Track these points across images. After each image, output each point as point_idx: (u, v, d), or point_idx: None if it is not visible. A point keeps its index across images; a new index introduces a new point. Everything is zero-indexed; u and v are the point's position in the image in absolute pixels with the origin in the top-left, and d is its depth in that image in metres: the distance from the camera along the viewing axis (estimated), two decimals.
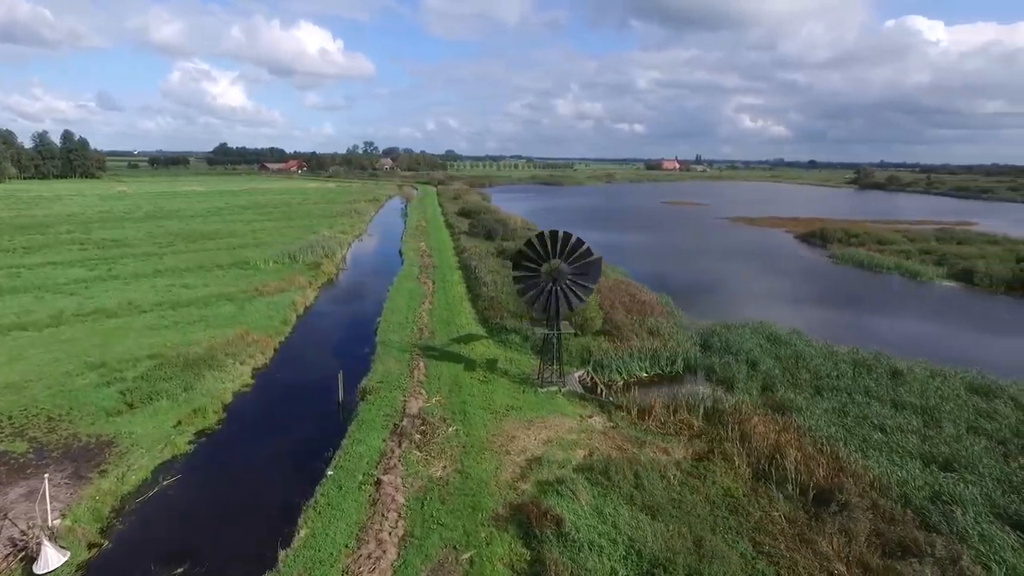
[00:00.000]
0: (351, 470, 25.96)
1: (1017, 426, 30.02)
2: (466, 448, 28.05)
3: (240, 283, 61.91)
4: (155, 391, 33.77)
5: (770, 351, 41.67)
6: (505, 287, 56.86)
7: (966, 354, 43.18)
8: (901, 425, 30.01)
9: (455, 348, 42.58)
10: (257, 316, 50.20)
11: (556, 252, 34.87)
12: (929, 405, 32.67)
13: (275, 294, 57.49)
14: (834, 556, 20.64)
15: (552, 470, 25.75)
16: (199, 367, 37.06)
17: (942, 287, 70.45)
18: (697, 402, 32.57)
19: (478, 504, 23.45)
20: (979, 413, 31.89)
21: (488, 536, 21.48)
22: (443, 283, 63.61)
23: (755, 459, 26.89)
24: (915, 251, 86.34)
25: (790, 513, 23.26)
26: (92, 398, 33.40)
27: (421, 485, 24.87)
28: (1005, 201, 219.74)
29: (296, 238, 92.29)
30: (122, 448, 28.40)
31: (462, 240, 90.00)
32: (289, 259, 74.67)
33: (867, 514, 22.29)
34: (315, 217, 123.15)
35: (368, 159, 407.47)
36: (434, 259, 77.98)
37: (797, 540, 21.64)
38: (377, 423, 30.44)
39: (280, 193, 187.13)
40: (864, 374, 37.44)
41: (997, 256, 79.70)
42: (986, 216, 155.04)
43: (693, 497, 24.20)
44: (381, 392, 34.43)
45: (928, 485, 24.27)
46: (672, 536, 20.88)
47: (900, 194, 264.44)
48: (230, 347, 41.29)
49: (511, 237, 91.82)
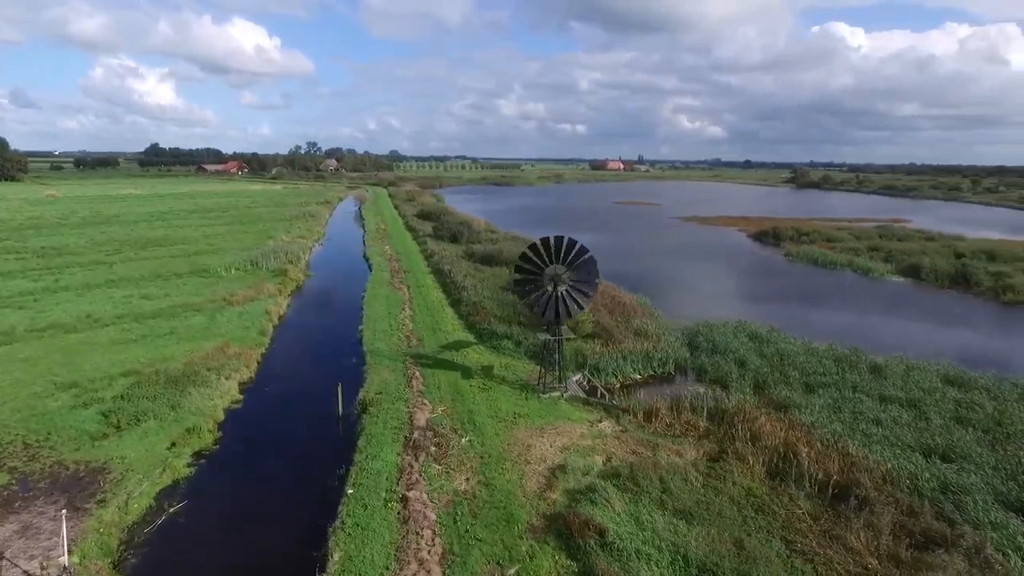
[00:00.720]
0: (372, 487, 25.17)
1: (997, 416, 31.88)
2: (484, 459, 27.67)
3: (204, 292, 59.30)
4: (141, 411, 31.92)
5: (755, 349, 42.92)
6: (486, 291, 56.54)
7: (929, 347, 45.57)
8: (895, 418, 31.43)
9: (447, 355, 41.99)
10: (231, 327, 48.15)
11: (557, 257, 34.85)
12: (914, 398, 34.35)
13: (245, 303, 55.29)
14: (864, 551, 21.39)
15: (577, 478, 25.71)
16: (182, 384, 35.27)
17: (893, 283, 74.27)
18: (700, 403, 33.16)
19: (511, 516, 23.16)
20: (959, 404, 33.72)
21: (529, 549, 21.24)
22: (418, 288, 62.65)
23: (768, 458, 27.55)
24: (863, 248, 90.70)
25: (812, 510, 23.98)
26: (70, 421, 31.26)
27: (448, 499, 24.38)
28: (929, 199, 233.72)
29: (254, 244, 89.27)
30: (116, 475, 26.67)
31: (428, 243, 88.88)
32: (252, 266, 72.02)
33: (888, 508, 23.20)
34: (268, 221, 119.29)
35: (312, 160, 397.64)
36: (402, 263, 76.74)
37: (825, 537, 22.32)
38: (386, 436, 29.64)
39: (225, 196, 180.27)
40: (847, 370, 39.00)
41: (936, 252, 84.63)
42: (915, 213, 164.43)
43: (718, 499, 24.61)
44: (382, 404, 33.56)
45: (935, 477, 25.44)
46: (713, 540, 21.18)
47: (834, 193, 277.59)
48: (211, 361, 39.45)
49: (477, 240, 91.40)
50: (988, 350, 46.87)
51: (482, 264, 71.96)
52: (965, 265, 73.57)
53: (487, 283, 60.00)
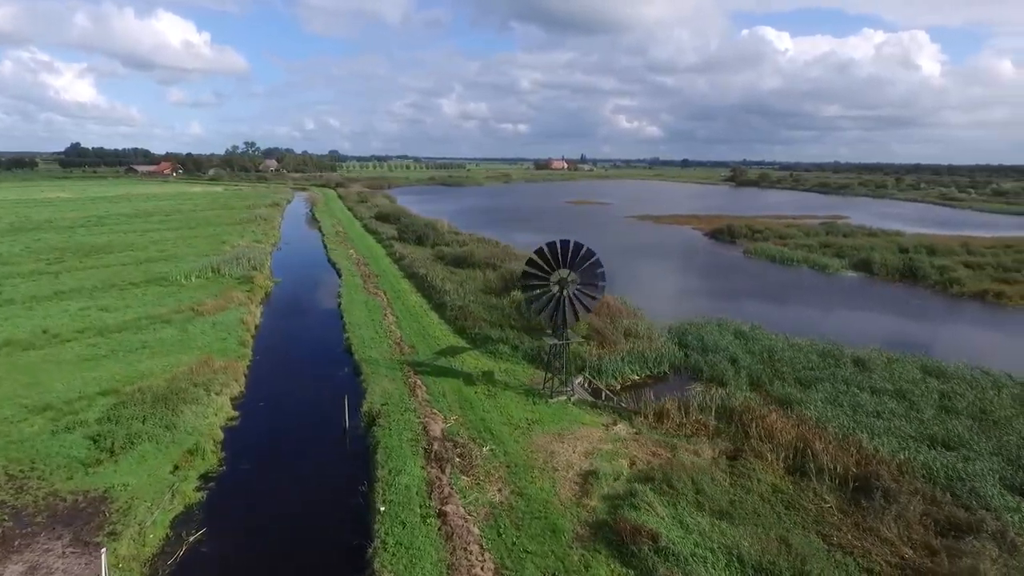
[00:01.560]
0: (404, 503, 24.43)
1: (981, 404, 33.87)
2: (511, 468, 27.33)
3: (168, 302, 56.33)
4: (133, 434, 29.95)
5: (742, 347, 44.11)
6: (469, 295, 55.96)
7: (898, 338, 48.05)
8: (892, 411, 32.92)
9: (444, 362, 41.30)
10: (207, 339, 45.90)
11: (563, 262, 34.80)
12: (901, 390, 36.09)
13: (216, 313, 52.79)
14: (898, 541, 22.28)
15: (610, 483, 25.74)
16: (172, 402, 33.34)
17: (848, 277, 77.93)
18: (708, 402, 33.79)
19: (555, 526, 22.95)
20: (942, 395, 35.63)
21: (582, 559, 21.09)
22: (396, 293, 61.40)
23: (785, 454, 28.29)
24: (816, 245, 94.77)
25: (838, 504, 24.81)
26: (55, 448, 29.03)
27: (487, 512, 23.94)
28: (859, 196, 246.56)
29: (209, 249, 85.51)
30: (121, 504, 24.93)
31: (394, 246, 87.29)
32: (213, 273, 68.95)
33: (914, 499, 24.23)
34: (217, 225, 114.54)
35: (251, 160, 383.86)
36: (372, 267, 75.05)
37: (858, 529, 23.15)
38: (404, 449, 28.86)
39: (165, 199, 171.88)
40: (833, 364, 40.58)
41: (882, 248, 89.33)
42: (850, 210, 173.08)
43: (748, 497, 25.14)
44: (390, 415, 32.68)
45: (945, 466, 26.75)
46: (760, 539, 21.60)
47: (771, 190, 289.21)
48: (196, 376, 37.45)
49: (443, 242, 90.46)
50: (949, 340, 49.76)
51: (454, 267, 71.23)
52: (912, 260, 77.92)
53: (467, 286, 59.41)
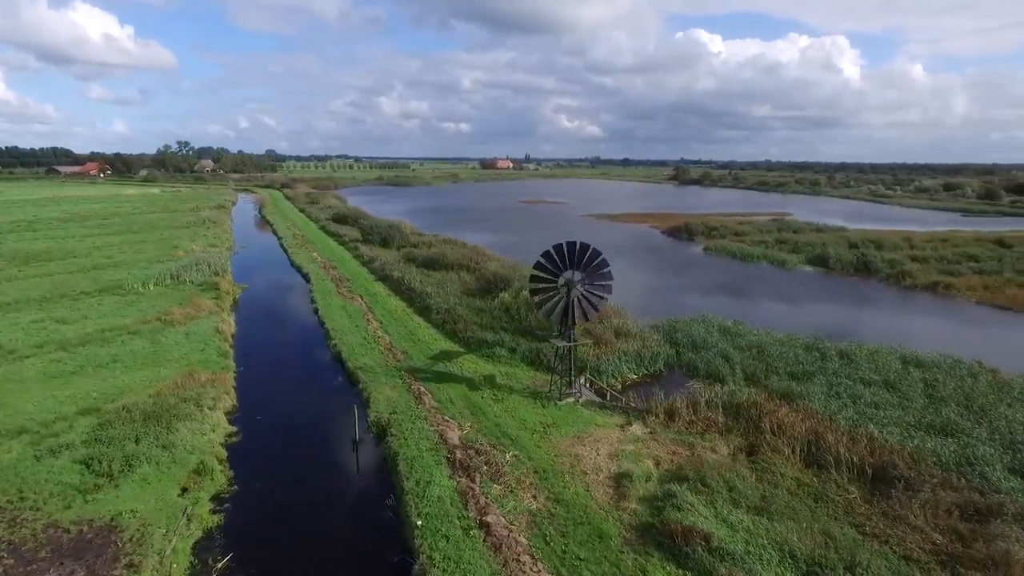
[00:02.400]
0: (440, 516, 23.73)
1: (965, 392, 35.69)
2: (540, 474, 26.99)
3: (130, 312, 53.16)
4: (128, 455, 28.00)
5: (731, 343, 45.11)
6: (452, 297, 55.16)
7: (868, 329, 50.28)
8: (888, 401, 34.31)
9: (442, 367, 40.49)
10: (183, 350, 43.51)
11: (571, 263, 34.70)
12: (889, 380, 37.66)
13: (187, 322, 50.13)
14: (927, 528, 23.20)
15: (643, 485, 25.76)
16: (164, 419, 31.43)
17: (805, 272, 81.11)
18: (715, 399, 34.36)
19: (601, 531, 22.78)
20: (926, 383, 37.39)
21: (636, 564, 21.00)
22: (372, 297, 59.87)
23: (800, 448, 29.04)
24: (772, 241, 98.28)
25: (863, 494, 25.62)
26: (42, 474, 26.82)
27: (528, 520, 23.54)
28: (797, 194, 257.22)
29: (161, 255, 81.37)
30: (133, 532, 23.23)
31: (360, 248, 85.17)
32: (173, 280, 65.52)
33: (937, 486, 25.27)
34: (163, 229, 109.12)
35: (185, 160, 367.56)
36: (340, 271, 72.97)
37: (887, 518, 23.96)
38: (426, 459, 28.06)
39: (99, 202, 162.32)
40: (819, 358, 42.00)
41: (833, 243, 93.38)
42: (791, 207, 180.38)
43: (777, 492, 25.65)
44: (402, 424, 31.75)
45: (952, 453, 28.03)
46: (804, 534, 22.05)
47: (713, 189, 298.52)
48: (183, 390, 35.44)
49: (409, 243, 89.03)
50: (915, 330, 52.41)
51: (427, 269, 70.05)
52: (865, 255, 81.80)
53: (448, 288, 58.55)
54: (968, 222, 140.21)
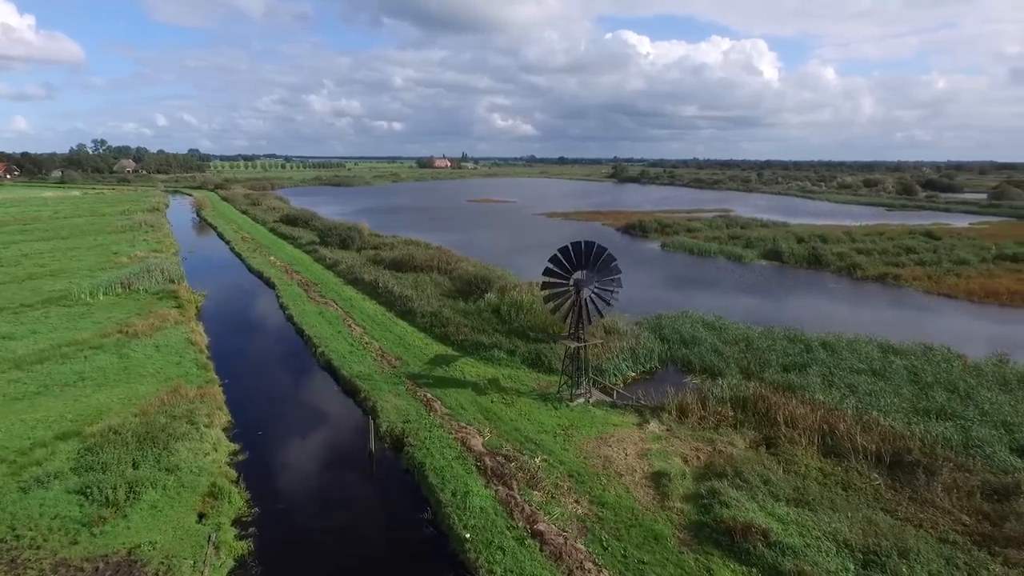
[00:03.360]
0: (487, 527, 23.04)
1: (946, 377, 37.73)
2: (575, 478, 26.66)
3: (83, 325, 49.38)
4: (130, 481, 25.85)
5: (717, 337, 46.13)
6: (434, 300, 54.00)
7: (834, 319, 52.55)
8: (881, 388, 35.83)
9: (441, 372, 39.51)
10: (157, 364, 40.71)
11: (582, 263, 34.53)
12: (875, 368, 39.45)
13: (152, 334, 46.92)
14: (955, 510, 24.32)
15: (681, 483, 25.85)
16: (159, 439, 29.27)
17: (761, 266, 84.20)
18: (722, 393, 34.97)
19: (655, 533, 22.67)
20: (908, 370, 39.32)
21: (699, 563, 21.00)
22: (346, 302, 57.83)
23: (815, 438, 29.90)
24: (725, 236, 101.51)
25: (886, 481, 26.60)
26: (34, 508, 24.38)
27: (578, 526, 23.17)
28: (731, 191, 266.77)
29: (103, 262, 76.23)
30: (157, 565, 21.42)
31: (320, 251, 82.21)
32: (124, 288, 61.27)
33: (951, 469, 26.52)
34: (95, 234, 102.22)
35: (103, 160, 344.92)
36: (305, 275, 70.21)
37: (914, 503, 24.96)
38: (456, 468, 27.23)
39: (12, 205, 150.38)
40: (804, 349, 43.50)
41: (782, 237, 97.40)
42: (730, 203, 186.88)
43: (807, 483, 26.29)
44: (418, 433, 30.71)
45: (956, 436, 29.50)
46: (851, 523, 22.65)
47: (651, 186, 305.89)
48: (170, 408, 33.11)
49: (370, 245, 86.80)
50: (876, 318, 55.18)
51: (396, 271, 68.30)
52: (815, 248, 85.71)
53: (427, 291, 57.29)
54: (893, 216, 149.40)
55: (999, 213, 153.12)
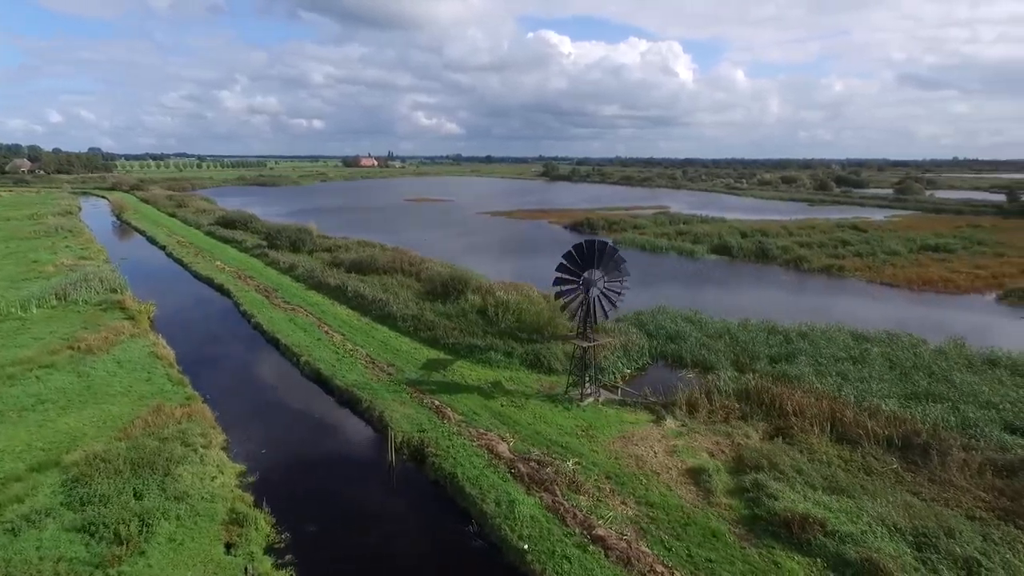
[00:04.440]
0: (544, 536, 22.37)
1: (920, 362, 40.03)
2: (613, 479, 26.37)
3: (23, 341, 44.77)
4: (138, 514, 23.46)
5: (700, 331, 47.15)
6: (411, 303, 52.42)
7: (797, 309, 54.96)
8: (871, 375, 37.59)
9: (441, 377, 38.30)
10: (125, 382, 37.40)
11: (593, 261, 34.33)
12: (855, 356, 41.40)
13: (108, 348, 43.07)
14: (972, 487, 25.74)
15: (720, 478, 26.09)
16: (157, 465, 26.85)
17: (712, 260, 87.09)
18: (726, 387, 35.68)
19: (712, 530, 22.71)
20: (884, 357, 41.47)
21: (763, 557, 21.19)
22: (314, 307, 55.18)
23: (825, 426, 30.96)
24: (673, 233, 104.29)
25: (903, 464, 27.83)
26: (30, 552, 21.69)
27: (636, 529, 22.88)
28: (660, 188, 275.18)
29: (25, 271, 69.72)
30: None
31: (271, 255, 78.14)
32: (59, 300, 55.98)
33: (956, 448, 28.05)
34: (5, 241, 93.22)
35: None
36: (260, 281, 66.52)
37: (933, 483, 26.24)
38: (491, 477, 26.36)
39: None
40: (784, 340, 45.12)
41: (726, 232, 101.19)
42: (664, 200, 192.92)
43: (833, 470, 27.13)
44: (438, 442, 29.57)
45: (951, 418, 31.28)
46: (894, 508, 23.51)
47: (583, 184, 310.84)
48: (157, 429, 30.46)
49: (321, 247, 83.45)
50: (833, 307, 58.19)
51: (359, 274, 65.83)
52: (762, 243, 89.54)
53: (400, 294, 55.51)
54: (815, 211, 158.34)
55: (907, 207, 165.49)
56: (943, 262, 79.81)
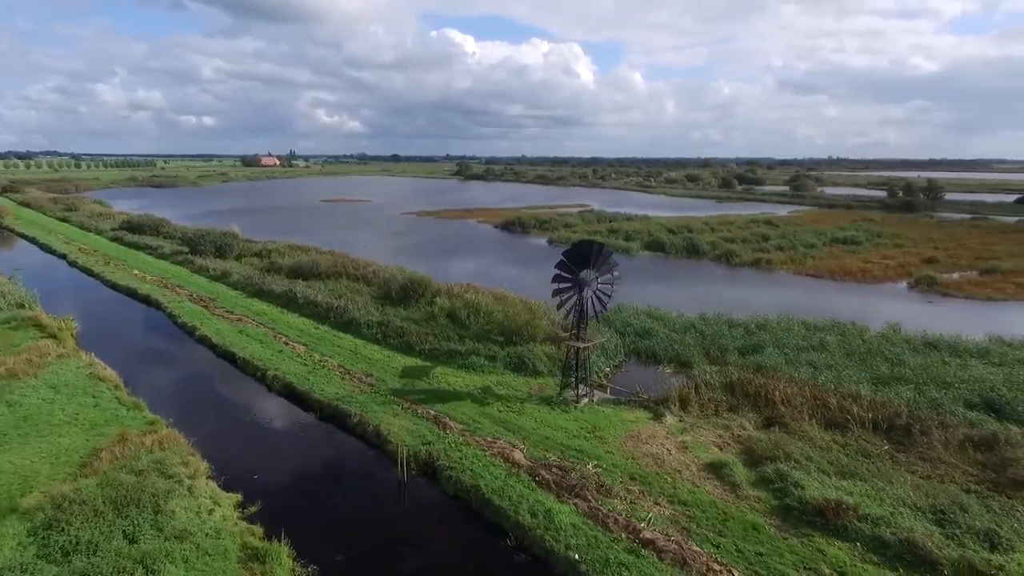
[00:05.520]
0: (592, 544, 21.87)
1: (871, 348, 42.89)
2: (638, 480, 26.26)
3: None
4: (139, 560, 20.76)
5: (665, 326, 48.34)
6: (372, 309, 50.21)
7: (739, 301, 57.67)
8: (837, 362, 39.83)
9: (426, 385, 36.82)
10: (68, 410, 33.31)
11: (588, 262, 34.19)
12: (814, 344, 43.80)
13: (36, 372, 38.14)
14: (958, 462, 27.79)
15: (740, 471, 26.62)
16: (144, 502, 23.95)
17: (647, 256, 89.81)
18: (711, 380, 36.66)
19: (751, 523, 23.08)
20: (840, 344, 44.16)
21: (807, 546, 21.76)
22: (262, 316, 51.57)
23: (813, 413, 32.48)
24: (604, 231, 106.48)
25: (892, 446, 29.59)
26: None
27: (679, 528, 22.85)
28: (574, 186, 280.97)
29: None
30: None
31: (196, 261, 72.28)
32: None
33: (934, 427, 30.18)
34: None
35: None
36: (191, 290, 61.39)
37: (926, 461, 28.09)
38: (516, 487, 25.49)
39: None
40: (745, 333, 47.03)
41: (655, 230, 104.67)
42: (582, 198, 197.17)
43: (834, 455, 28.44)
44: (449, 454, 28.31)
45: (921, 399, 33.65)
46: (907, 488, 24.90)
47: (498, 183, 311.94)
48: (130, 462, 27.23)
49: (250, 252, 78.42)
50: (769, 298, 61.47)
51: (299, 279, 62.21)
52: (692, 239, 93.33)
53: (353, 299, 52.95)
54: (725, 207, 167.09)
55: (804, 203, 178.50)
56: (855, 253, 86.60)
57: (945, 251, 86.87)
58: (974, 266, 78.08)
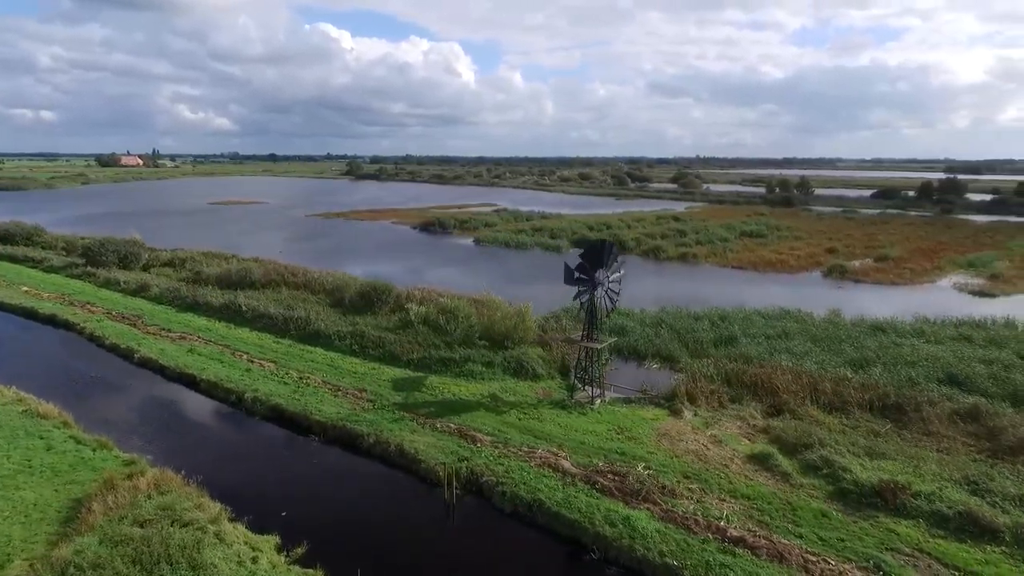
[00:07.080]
0: (683, 549, 21.50)
1: (829, 334, 46.08)
2: (692, 478, 26.26)
3: None
4: None
5: (638, 321, 49.21)
6: (336, 319, 46.88)
7: (685, 294, 60.22)
8: (811, 349, 42.28)
9: (430, 397, 34.81)
10: (17, 456, 28.25)
11: (601, 261, 33.89)
12: (780, 332, 46.35)
13: None
14: (954, 435, 30.41)
15: (784, 461, 27.41)
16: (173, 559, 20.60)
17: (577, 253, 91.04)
18: (709, 373, 37.68)
19: (819, 511, 23.77)
20: (801, 331, 47.00)
21: (877, 527, 22.75)
22: (208, 332, 46.47)
23: (812, 400, 34.29)
24: (529, 229, 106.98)
25: (893, 425, 31.80)
26: None
27: (757, 523, 23.05)
28: (472, 186, 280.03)
29: None
30: None
31: (100, 274, 63.70)
32: None
33: (923, 404, 32.82)
34: None
35: None
36: (107, 307, 54.04)
37: (927, 435, 30.47)
38: (580, 497, 24.63)
39: None
40: (712, 325, 48.81)
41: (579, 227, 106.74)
42: (486, 197, 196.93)
43: (852, 437, 30.11)
44: (494, 470, 26.86)
45: (898, 379, 36.48)
46: (933, 463, 26.79)
47: (392, 182, 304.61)
48: (130, 512, 23.43)
49: (161, 262, 70.82)
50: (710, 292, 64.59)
51: (232, 289, 56.93)
52: (617, 235, 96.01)
53: (311, 309, 49.16)
54: (626, 204, 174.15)
55: (695, 199, 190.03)
56: (764, 246, 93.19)
57: (839, 242, 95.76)
58: (867, 254, 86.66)
